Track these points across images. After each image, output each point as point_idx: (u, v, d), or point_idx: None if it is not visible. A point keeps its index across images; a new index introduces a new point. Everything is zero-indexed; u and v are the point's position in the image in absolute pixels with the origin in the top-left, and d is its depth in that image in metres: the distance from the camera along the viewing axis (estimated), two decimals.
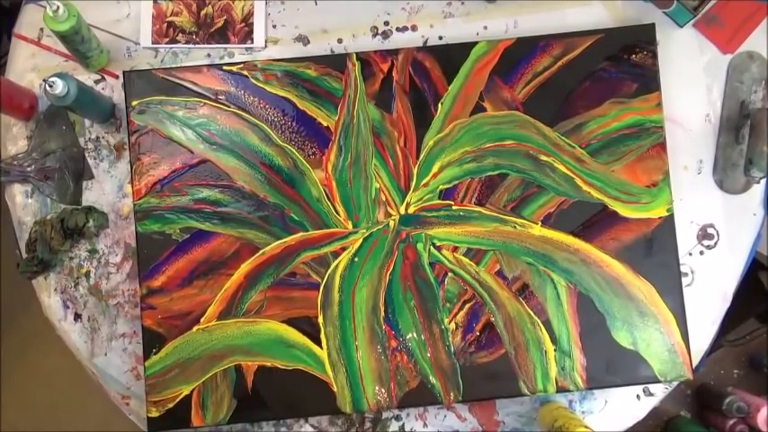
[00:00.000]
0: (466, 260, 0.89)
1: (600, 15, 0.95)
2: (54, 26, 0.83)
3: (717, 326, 0.94)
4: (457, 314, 0.89)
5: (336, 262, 0.89)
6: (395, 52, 0.91)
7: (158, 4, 0.96)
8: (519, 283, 0.89)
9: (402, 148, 0.90)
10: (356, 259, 0.89)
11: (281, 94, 0.91)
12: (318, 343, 0.88)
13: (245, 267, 0.89)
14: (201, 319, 0.88)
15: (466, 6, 0.96)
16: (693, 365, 0.89)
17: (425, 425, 0.92)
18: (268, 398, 0.88)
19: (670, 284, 0.89)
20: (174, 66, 0.95)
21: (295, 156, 0.90)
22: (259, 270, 0.89)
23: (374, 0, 0.96)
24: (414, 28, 0.96)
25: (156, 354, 0.88)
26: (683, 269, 0.92)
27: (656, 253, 0.89)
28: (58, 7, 0.81)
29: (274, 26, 0.96)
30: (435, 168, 0.90)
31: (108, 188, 0.94)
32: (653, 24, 0.92)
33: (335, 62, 0.91)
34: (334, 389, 0.87)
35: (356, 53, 0.91)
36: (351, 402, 0.87)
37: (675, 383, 0.92)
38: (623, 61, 0.91)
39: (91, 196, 0.94)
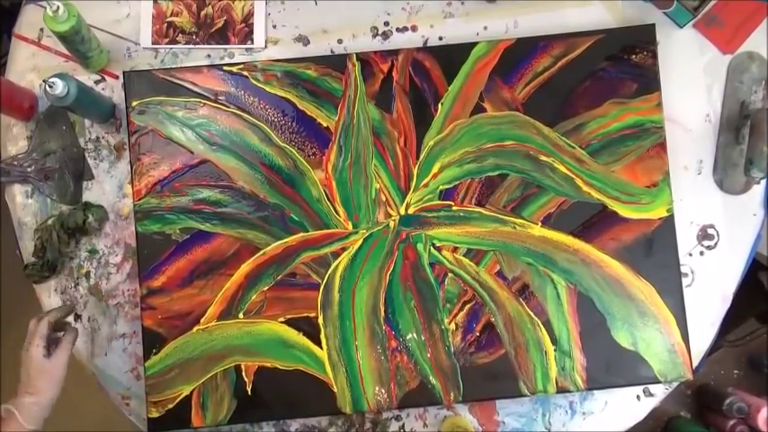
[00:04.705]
0: (466, 260, 0.89)
1: (600, 15, 0.95)
2: (54, 26, 0.83)
3: (717, 326, 0.94)
4: (457, 314, 0.89)
5: (336, 262, 0.89)
6: (395, 52, 0.91)
7: (158, 4, 0.96)
8: (519, 284, 0.89)
9: (402, 149, 0.90)
10: (356, 259, 0.89)
11: (281, 94, 0.91)
12: (318, 343, 0.88)
13: (245, 268, 0.89)
14: (202, 320, 0.88)
15: (466, 6, 0.96)
16: (693, 366, 0.89)
17: (425, 425, 0.92)
18: (268, 398, 0.88)
19: (670, 285, 0.89)
20: (174, 66, 0.95)
21: (295, 156, 0.90)
22: (259, 270, 0.89)
23: (374, 0, 0.96)
24: (414, 28, 0.96)
25: (156, 354, 0.88)
26: (683, 269, 0.92)
27: (656, 253, 0.89)
28: (58, 7, 0.81)
29: (274, 26, 0.96)
30: (435, 169, 0.90)
31: (108, 188, 0.94)
32: (653, 25, 0.92)
33: (335, 62, 0.91)
34: (334, 389, 0.87)
35: (356, 53, 0.91)
36: (351, 403, 0.87)
37: (675, 384, 0.92)
38: (623, 61, 0.91)
39: (91, 196, 0.94)
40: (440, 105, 0.91)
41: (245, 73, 0.91)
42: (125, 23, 0.96)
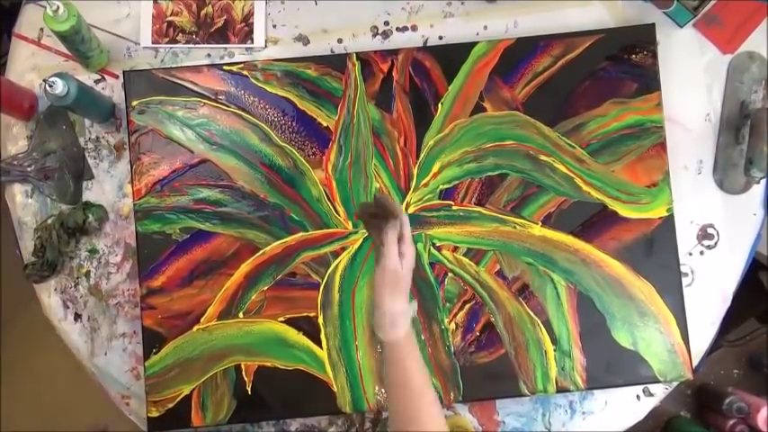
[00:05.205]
0: (466, 260, 0.89)
1: (600, 15, 0.95)
2: (54, 26, 0.83)
3: (717, 326, 0.94)
4: (457, 314, 0.89)
5: (336, 262, 0.89)
6: (395, 52, 0.91)
7: (158, 3, 0.96)
8: (519, 284, 0.89)
9: (402, 148, 0.90)
10: (356, 259, 0.89)
11: (281, 94, 0.91)
12: (318, 343, 0.88)
13: (245, 267, 0.89)
14: (201, 319, 0.88)
15: (466, 6, 0.96)
16: (693, 365, 0.89)
17: None
18: (268, 398, 0.88)
19: (670, 284, 0.89)
20: (174, 66, 0.95)
21: (295, 156, 0.90)
22: (259, 270, 0.89)
23: (374, 0, 0.96)
24: (414, 28, 0.96)
25: (156, 354, 0.88)
26: (683, 269, 0.92)
27: (656, 253, 0.89)
28: (58, 7, 0.81)
29: (274, 26, 0.96)
30: (435, 168, 0.90)
31: (108, 188, 0.94)
32: (653, 24, 0.92)
33: (336, 62, 0.91)
34: (334, 389, 0.87)
35: (356, 53, 0.91)
36: (351, 402, 0.87)
37: (675, 383, 0.92)
38: (623, 61, 0.91)
39: (91, 196, 0.94)
40: (440, 105, 0.91)
41: (245, 72, 0.91)
42: (125, 23, 0.96)
